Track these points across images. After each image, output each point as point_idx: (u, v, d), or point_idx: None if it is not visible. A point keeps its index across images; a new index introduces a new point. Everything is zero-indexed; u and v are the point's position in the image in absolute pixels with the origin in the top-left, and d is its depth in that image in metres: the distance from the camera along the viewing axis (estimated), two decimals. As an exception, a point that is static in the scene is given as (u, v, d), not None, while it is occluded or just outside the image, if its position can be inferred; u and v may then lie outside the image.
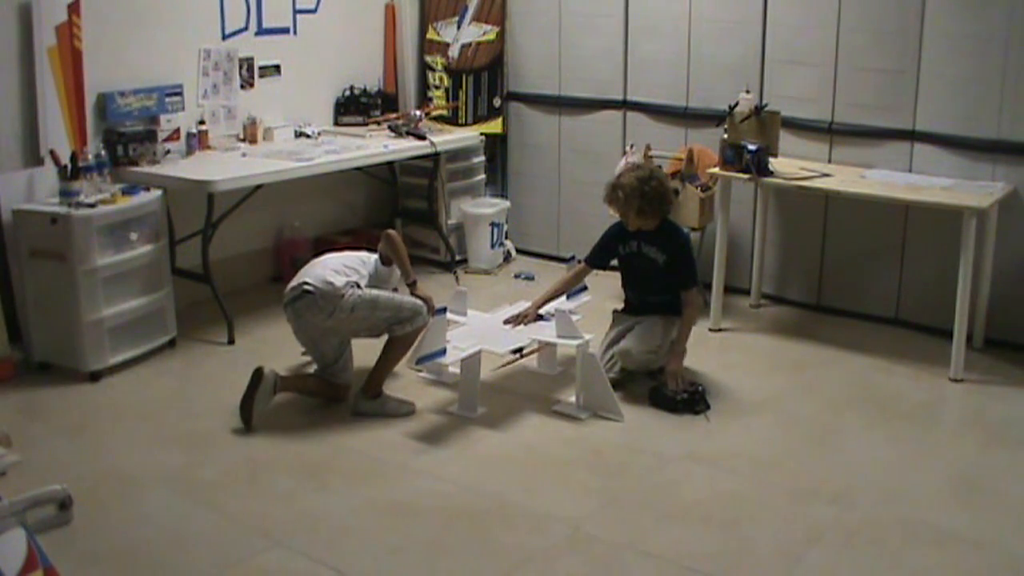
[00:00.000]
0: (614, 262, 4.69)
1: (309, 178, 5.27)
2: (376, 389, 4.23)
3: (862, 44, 5.10)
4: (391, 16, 6.41)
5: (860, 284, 5.36)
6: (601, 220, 5.95)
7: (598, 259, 4.68)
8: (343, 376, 4.30)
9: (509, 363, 4.65)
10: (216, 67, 5.43)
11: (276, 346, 4.85)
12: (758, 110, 5.06)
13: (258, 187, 5.10)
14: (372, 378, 4.23)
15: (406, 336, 4.21)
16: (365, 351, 4.36)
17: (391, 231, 4.37)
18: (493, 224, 6.17)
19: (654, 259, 4.51)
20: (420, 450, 3.96)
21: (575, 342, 4.24)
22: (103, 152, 4.73)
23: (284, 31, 5.77)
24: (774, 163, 5.03)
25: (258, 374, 4.11)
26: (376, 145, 5.64)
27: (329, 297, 4.09)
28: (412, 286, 4.33)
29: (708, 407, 4.29)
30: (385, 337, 4.24)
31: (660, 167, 4.95)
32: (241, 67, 5.56)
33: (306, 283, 4.13)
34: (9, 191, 4.52)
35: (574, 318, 4.33)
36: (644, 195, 4.39)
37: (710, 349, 4.97)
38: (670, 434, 4.11)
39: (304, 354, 4.55)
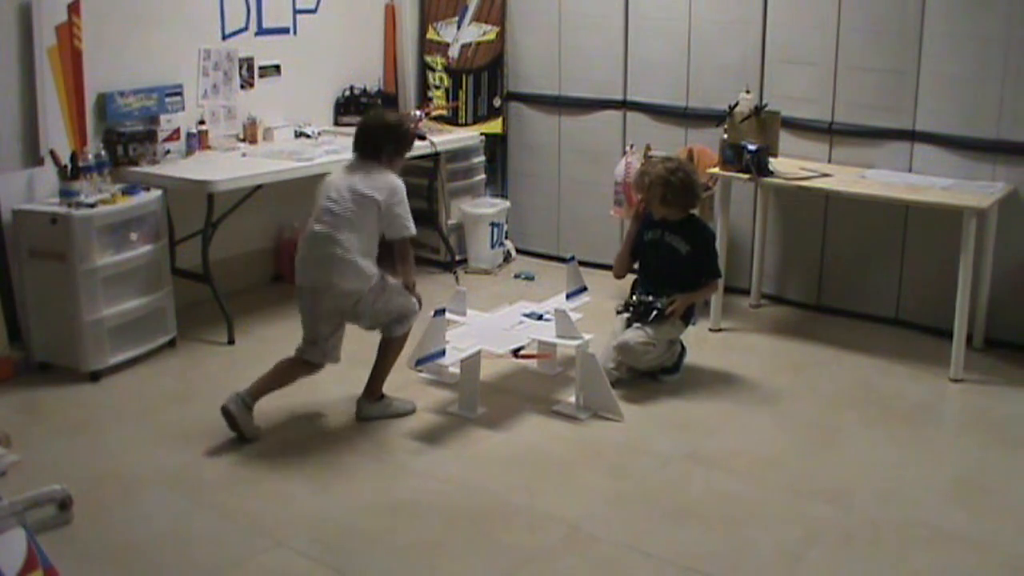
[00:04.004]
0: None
1: (309, 178, 5.25)
2: (378, 392, 4.22)
3: (862, 44, 5.10)
4: (391, 16, 6.41)
5: (860, 284, 5.36)
6: (601, 220, 5.98)
7: (632, 247, 4.81)
8: (332, 355, 4.16)
9: (527, 356, 4.63)
10: (216, 67, 5.43)
11: (276, 346, 4.82)
12: (758, 110, 5.07)
13: (258, 187, 5.10)
14: (372, 383, 4.21)
15: (400, 338, 4.19)
16: (360, 355, 4.36)
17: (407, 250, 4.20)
18: (493, 224, 6.17)
19: (676, 248, 4.59)
20: (420, 450, 3.96)
21: (575, 342, 4.24)
22: (103, 152, 4.73)
23: (284, 31, 5.77)
24: (774, 163, 5.03)
25: (226, 412, 3.98)
26: (376, 145, 5.63)
27: (354, 293, 4.02)
28: (409, 289, 4.25)
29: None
30: (379, 337, 4.22)
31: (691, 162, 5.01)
32: (241, 67, 5.56)
33: (335, 280, 4.01)
34: (9, 191, 4.52)
35: (574, 317, 4.33)
36: (669, 184, 4.51)
37: (710, 349, 4.97)
38: (670, 434, 4.11)
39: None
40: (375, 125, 4.23)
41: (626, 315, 4.59)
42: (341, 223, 4.01)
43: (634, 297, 4.61)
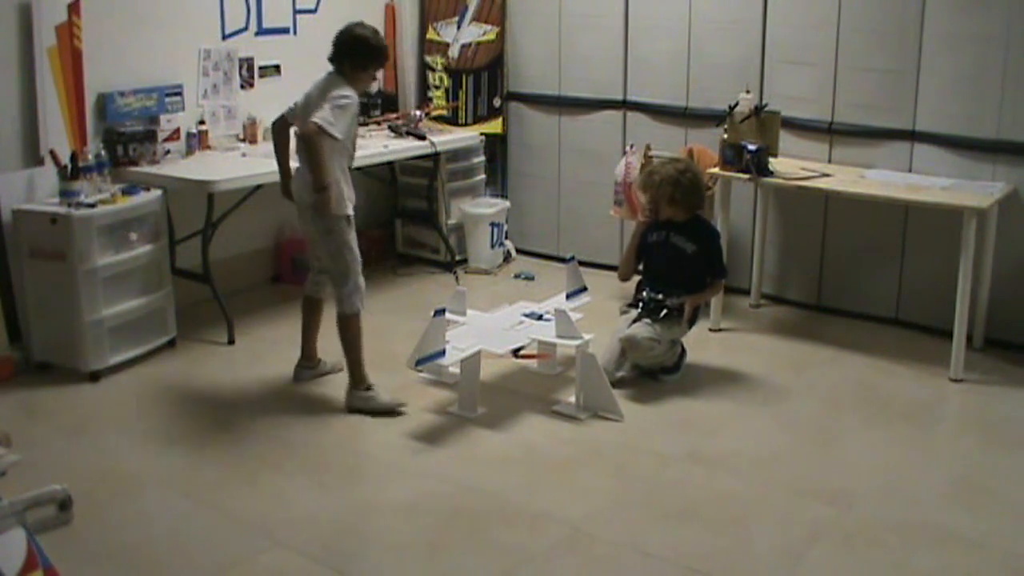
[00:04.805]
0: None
1: (309, 178, 5.26)
2: (361, 379, 4.26)
3: (862, 44, 5.10)
4: (391, 16, 6.41)
5: (860, 284, 5.36)
6: (601, 220, 5.98)
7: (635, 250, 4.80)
8: (323, 288, 4.43)
9: (528, 356, 4.65)
10: (216, 67, 5.43)
11: (276, 346, 4.85)
12: (758, 110, 5.07)
13: (258, 187, 5.10)
14: (349, 369, 4.28)
15: (349, 318, 4.22)
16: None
17: (307, 132, 3.99)
18: (493, 224, 6.17)
19: (682, 248, 4.61)
20: (420, 450, 3.96)
21: (575, 342, 4.24)
22: (103, 152, 4.73)
23: (284, 31, 5.78)
24: (774, 163, 5.03)
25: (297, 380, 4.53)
26: (376, 145, 5.64)
27: (311, 209, 4.15)
28: (323, 190, 4.04)
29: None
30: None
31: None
32: (241, 67, 5.56)
33: (300, 193, 4.21)
34: (9, 191, 4.52)
35: (574, 317, 4.33)
36: (679, 184, 4.54)
37: (710, 349, 4.97)
38: (670, 434, 4.11)
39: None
40: (341, 35, 4.26)
41: (634, 312, 4.58)
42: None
43: (644, 294, 4.60)
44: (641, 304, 4.58)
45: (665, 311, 4.50)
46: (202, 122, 5.33)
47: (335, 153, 4.11)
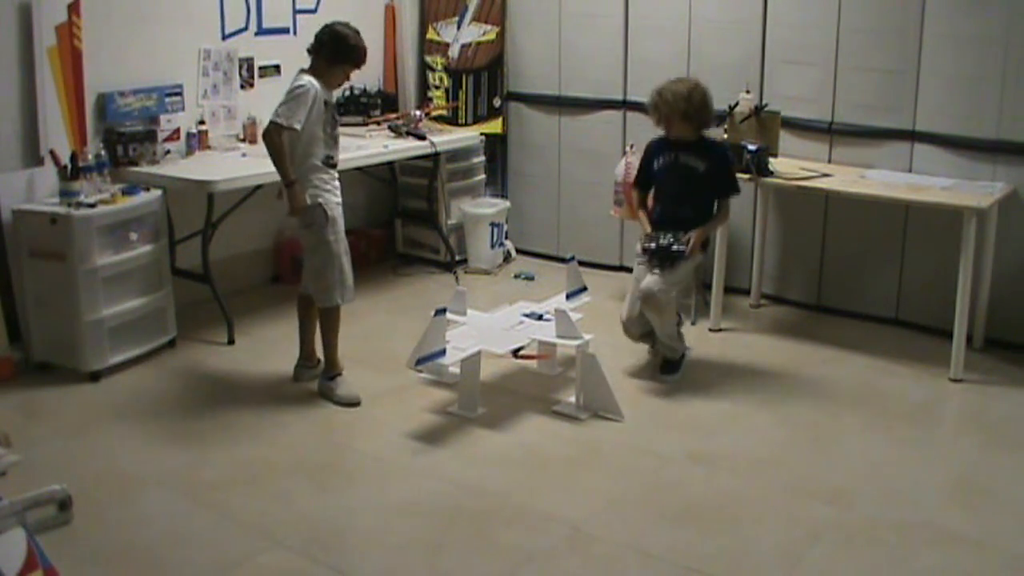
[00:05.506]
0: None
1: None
2: (329, 368, 4.39)
3: (862, 44, 5.10)
4: (391, 16, 6.41)
5: (860, 284, 5.36)
6: (601, 220, 5.98)
7: (642, 178, 4.80)
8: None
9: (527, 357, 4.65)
10: (216, 67, 5.43)
11: (276, 346, 4.85)
12: (758, 110, 5.07)
13: (258, 187, 5.10)
14: (324, 357, 4.41)
15: (327, 311, 4.34)
16: (359, 355, 4.36)
17: (264, 131, 4.22)
18: (493, 224, 6.17)
19: (694, 167, 4.59)
20: (420, 450, 3.96)
21: (575, 342, 4.24)
22: (103, 152, 4.73)
23: (284, 31, 5.77)
24: (774, 163, 5.03)
25: (297, 380, 4.53)
26: (376, 145, 5.64)
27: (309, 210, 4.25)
28: (289, 186, 4.21)
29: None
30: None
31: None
32: (241, 67, 5.57)
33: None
34: (9, 191, 4.52)
35: (574, 317, 4.33)
36: (690, 100, 4.54)
37: (710, 349, 4.97)
38: (670, 434, 4.11)
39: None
40: (323, 28, 4.34)
41: (647, 260, 4.56)
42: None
43: (652, 244, 4.55)
44: (649, 255, 4.54)
45: (677, 257, 4.48)
46: (202, 122, 5.33)
47: (311, 145, 4.20)
